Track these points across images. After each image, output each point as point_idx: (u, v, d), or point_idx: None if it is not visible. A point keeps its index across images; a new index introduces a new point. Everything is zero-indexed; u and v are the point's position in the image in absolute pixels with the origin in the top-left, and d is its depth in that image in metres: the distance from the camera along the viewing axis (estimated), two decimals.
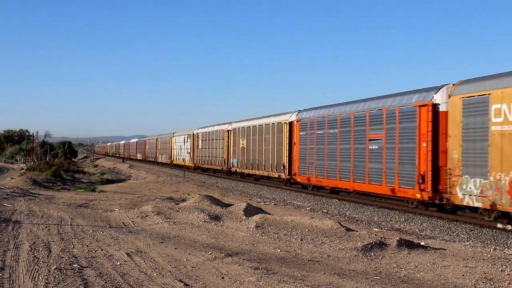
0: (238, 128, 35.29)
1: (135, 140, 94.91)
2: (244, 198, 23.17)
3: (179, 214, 13.79)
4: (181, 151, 53.02)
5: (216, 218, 13.35)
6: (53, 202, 17.46)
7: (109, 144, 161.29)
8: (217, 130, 40.28)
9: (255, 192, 26.35)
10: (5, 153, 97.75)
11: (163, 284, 7.08)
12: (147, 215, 13.67)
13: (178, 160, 54.74)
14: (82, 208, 15.90)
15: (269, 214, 14.24)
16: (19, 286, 6.78)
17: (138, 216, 13.68)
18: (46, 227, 11.66)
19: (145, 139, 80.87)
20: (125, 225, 12.50)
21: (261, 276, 7.51)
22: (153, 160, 70.94)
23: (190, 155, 48.84)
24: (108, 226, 12.15)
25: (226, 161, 37.64)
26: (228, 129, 37.37)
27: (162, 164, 63.57)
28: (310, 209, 19.31)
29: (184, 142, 51.44)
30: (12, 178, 35.51)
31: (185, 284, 7.07)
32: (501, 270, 8.22)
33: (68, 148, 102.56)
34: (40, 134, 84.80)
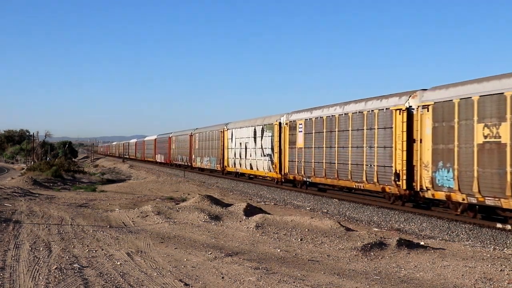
0: (467, 99, 14.57)
1: (153, 137, 71.34)
2: (244, 198, 23.19)
3: (179, 214, 13.81)
4: (247, 152, 32.95)
5: (216, 218, 13.37)
6: (54, 202, 17.48)
7: (114, 143, 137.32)
8: (361, 112, 19.99)
9: (255, 192, 26.36)
10: (6, 153, 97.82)
11: (163, 284, 7.10)
12: (147, 215, 13.69)
13: (238, 166, 34.59)
14: (82, 208, 15.92)
15: (269, 214, 14.26)
16: (19, 286, 6.80)
17: (138, 216, 13.70)
18: (46, 227, 11.68)
19: (170, 134, 58.26)
20: (125, 225, 12.52)
21: (261, 276, 7.53)
22: (185, 164, 50.31)
23: (272, 159, 28.97)
24: (108, 226, 12.18)
25: (400, 176, 17.63)
26: (410, 106, 17.50)
27: (203, 170, 44.20)
28: (310, 209, 19.33)
29: (255, 137, 31.62)
30: (12, 178, 35.54)
31: (185, 284, 7.09)
32: (501, 270, 8.24)
33: (69, 148, 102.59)
34: (41, 134, 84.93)
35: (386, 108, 18.52)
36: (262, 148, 30.50)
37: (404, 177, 17.42)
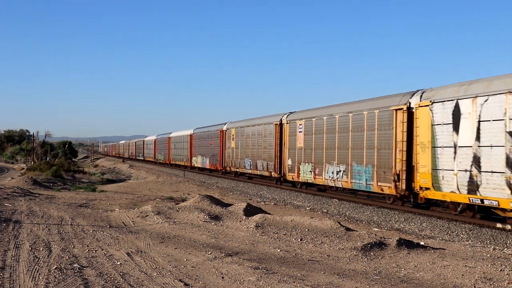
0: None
1: (185, 132, 50.42)
2: (244, 198, 23.19)
3: (179, 214, 13.81)
4: None
5: (216, 218, 13.38)
6: (54, 202, 17.48)
7: (122, 142, 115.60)
8: None
9: (255, 192, 26.36)
10: (6, 153, 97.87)
11: (163, 284, 7.10)
12: (147, 215, 13.70)
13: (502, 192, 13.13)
14: (82, 208, 15.92)
15: (269, 214, 14.26)
16: (19, 286, 6.79)
17: (138, 216, 13.70)
18: (46, 227, 11.68)
19: (224, 126, 38.11)
20: (125, 225, 12.53)
21: (261, 276, 7.53)
22: (263, 173, 30.07)
23: None
24: (108, 226, 12.18)
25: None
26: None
27: (309, 186, 25.39)
28: (310, 209, 19.33)
29: None
30: (12, 178, 35.56)
31: (185, 284, 7.09)
32: (501, 270, 8.24)
33: (69, 148, 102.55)
34: (41, 134, 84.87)
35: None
36: None
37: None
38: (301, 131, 25.51)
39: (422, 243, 11.04)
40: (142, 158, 76.03)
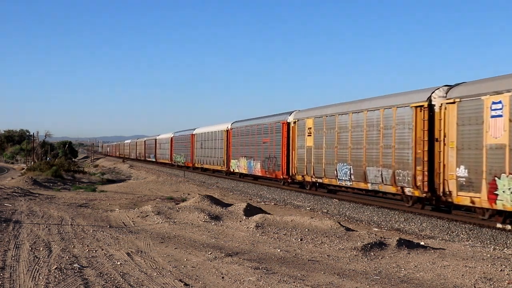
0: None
1: (222, 126, 39.17)
2: (244, 198, 23.20)
3: (179, 214, 13.82)
4: None
5: (216, 218, 13.38)
6: (54, 202, 17.49)
7: (127, 141, 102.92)
8: None
9: (255, 192, 26.35)
10: (6, 153, 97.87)
11: (163, 284, 7.10)
12: (147, 215, 13.70)
13: None
14: (82, 208, 15.92)
15: (269, 214, 14.26)
16: (19, 286, 6.79)
17: (138, 216, 13.71)
18: (46, 227, 11.68)
19: (288, 117, 27.26)
20: (125, 225, 12.53)
21: (261, 276, 7.53)
22: (381, 188, 18.70)
23: None
24: (108, 226, 12.18)
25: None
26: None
27: None
28: (310, 209, 19.33)
29: None
30: (12, 178, 35.57)
31: (185, 284, 7.09)
32: (501, 270, 8.24)
33: (69, 148, 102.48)
34: (41, 134, 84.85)
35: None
36: None
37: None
38: (496, 116, 13.81)
39: (422, 243, 11.03)
40: (154, 160, 64.43)
